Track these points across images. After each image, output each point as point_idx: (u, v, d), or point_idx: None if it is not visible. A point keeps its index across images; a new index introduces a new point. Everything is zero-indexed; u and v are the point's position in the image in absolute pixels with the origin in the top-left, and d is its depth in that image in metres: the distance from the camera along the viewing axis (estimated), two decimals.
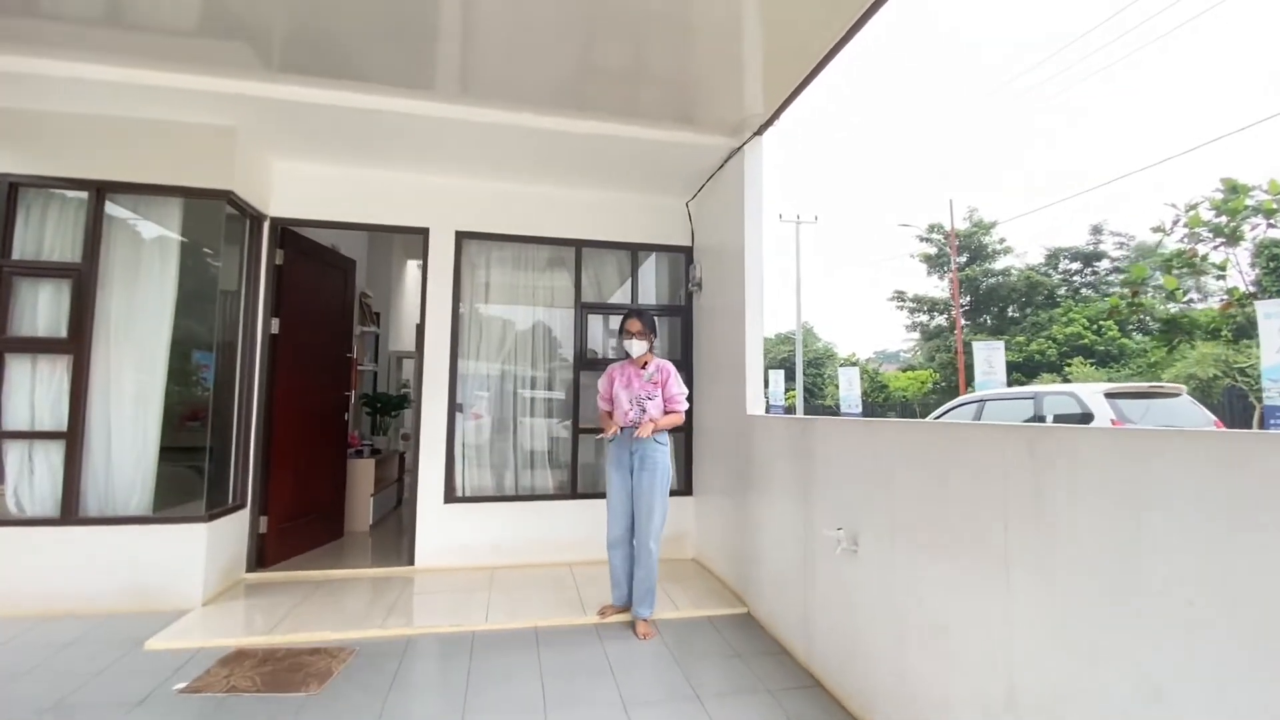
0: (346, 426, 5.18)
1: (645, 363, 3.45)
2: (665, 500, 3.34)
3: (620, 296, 4.84)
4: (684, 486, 4.70)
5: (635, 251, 4.82)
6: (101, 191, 3.59)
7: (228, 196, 3.71)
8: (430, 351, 4.38)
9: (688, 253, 4.85)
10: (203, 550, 3.51)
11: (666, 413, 3.37)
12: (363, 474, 5.47)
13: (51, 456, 3.48)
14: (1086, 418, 6.97)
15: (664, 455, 3.35)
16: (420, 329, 4.42)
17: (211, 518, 3.58)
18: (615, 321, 4.79)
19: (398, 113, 3.57)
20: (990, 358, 15.52)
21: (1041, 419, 7.53)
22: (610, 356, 4.79)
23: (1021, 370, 22.52)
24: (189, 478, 3.77)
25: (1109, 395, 6.98)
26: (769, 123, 3.66)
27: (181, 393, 3.80)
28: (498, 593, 3.80)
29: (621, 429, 3.40)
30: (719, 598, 3.75)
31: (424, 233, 4.44)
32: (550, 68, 3.24)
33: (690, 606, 3.59)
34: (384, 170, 4.39)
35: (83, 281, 3.53)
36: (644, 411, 3.36)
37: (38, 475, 3.47)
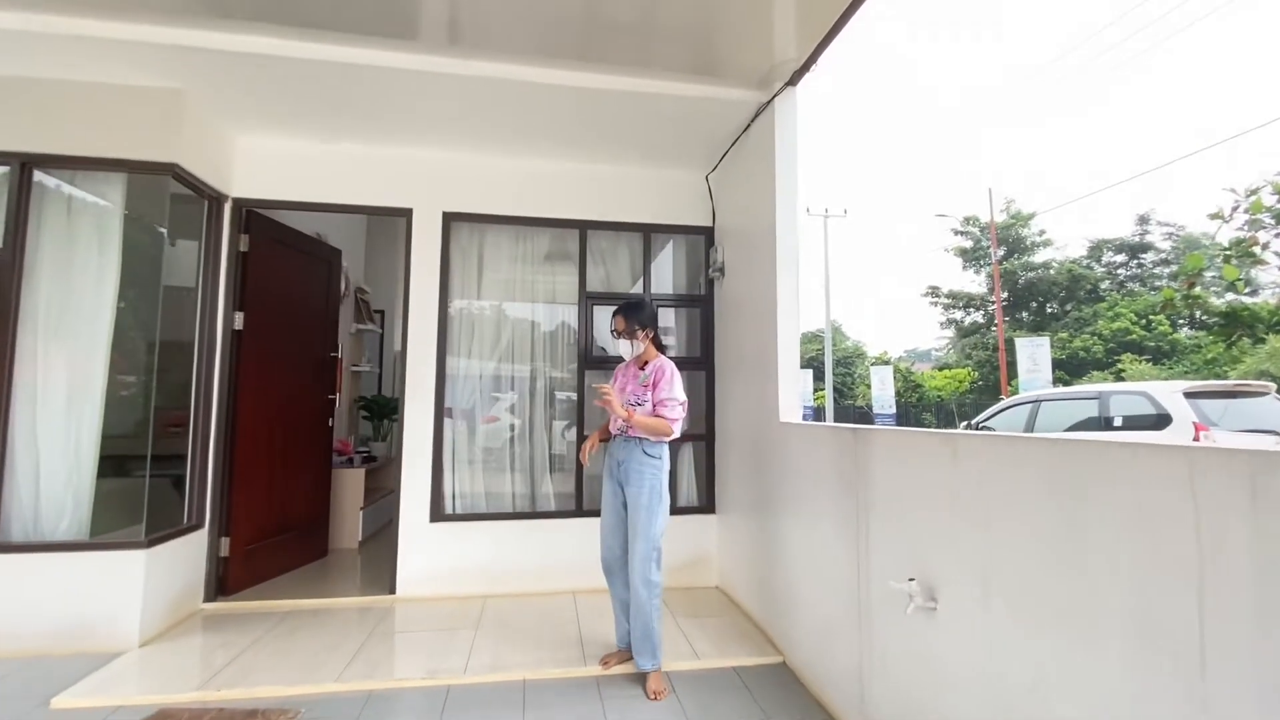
0: (331, 433, 4.68)
1: (645, 363, 2.87)
2: (655, 525, 2.68)
3: (632, 286, 4.24)
4: (706, 503, 4.08)
5: (648, 234, 4.21)
6: (27, 166, 3.12)
7: (172, 170, 3.21)
8: (414, 349, 3.84)
9: (708, 234, 4.23)
10: (140, 582, 3.00)
11: (653, 415, 2.72)
12: (351, 485, 4.96)
13: None
14: (1163, 420, 6.16)
15: (654, 470, 2.73)
16: (404, 323, 3.88)
17: (152, 543, 3.07)
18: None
19: (376, 66, 3.03)
20: (1035, 355, 14.70)
21: (1108, 421, 6.73)
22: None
23: (1064, 368, 21.36)
24: (140, 495, 3.29)
25: (1189, 395, 6.16)
26: (804, 68, 3.03)
27: (127, 397, 3.32)
28: (486, 630, 3.23)
29: (613, 437, 2.87)
30: (747, 640, 3.13)
31: (407, 214, 3.90)
32: (550, 7, 2.67)
33: (713, 653, 2.98)
34: (361, 144, 3.86)
35: (4, 269, 3.06)
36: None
37: None
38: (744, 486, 3.58)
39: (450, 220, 3.94)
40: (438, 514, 3.79)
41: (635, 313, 2.84)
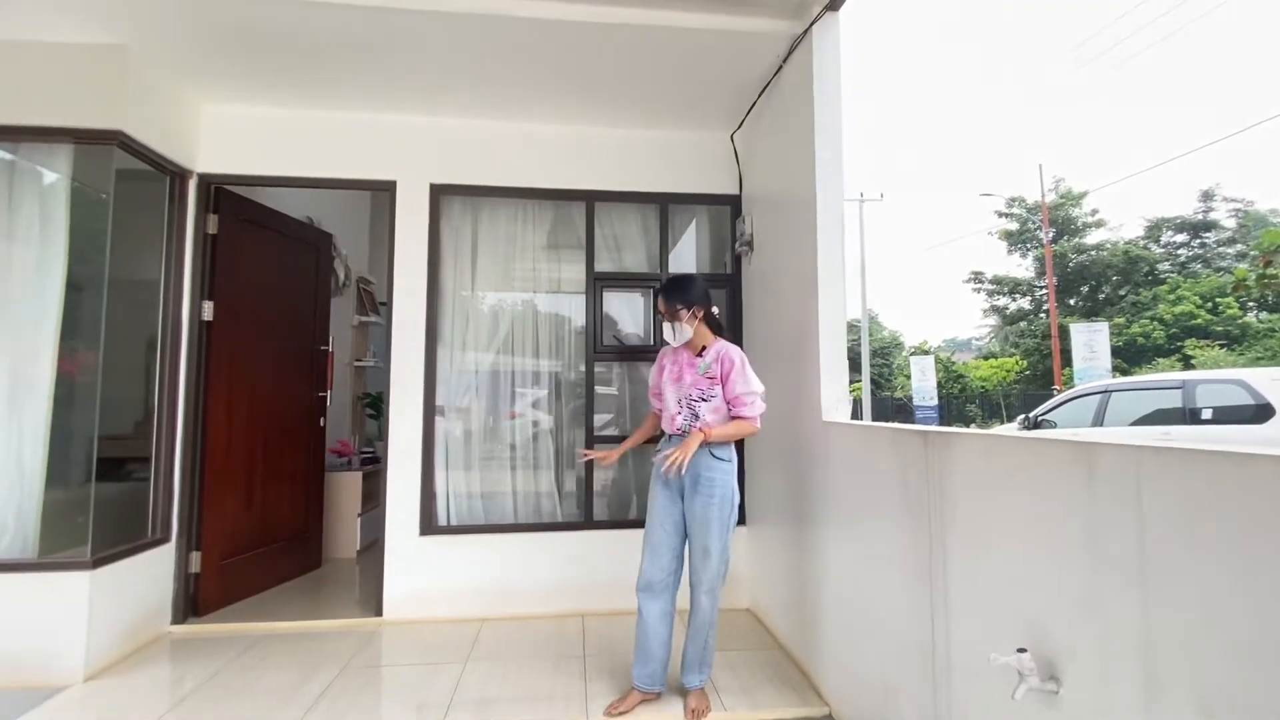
0: (323, 433, 4.29)
1: (702, 349, 2.40)
2: (726, 537, 2.34)
3: (648, 265, 3.71)
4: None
5: (665, 204, 3.68)
6: None
7: (118, 138, 2.81)
8: (399, 340, 3.39)
9: (734, 203, 3.68)
10: (84, 606, 2.62)
11: (731, 418, 2.34)
12: (347, 490, 4.57)
13: None
14: (1264, 411, 5.38)
15: (726, 474, 2.34)
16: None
17: (99, 562, 2.69)
18: (641, 298, 3.68)
19: (350, 5, 2.55)
20: (1092, 341, 13.64)
21: (1194, 414, 5.95)
22: (637, 344, 3.68)
23: (1122, 356, 20.02)
24: (109, 507, 2.94)
25: None
26: None
27: (81, 397, 2.95)
28: (477, 664, 2.77)
29: (669, 437, 2.42)
30: (784, 683, 2.60)
31: (390, 188, 3.45)
32: None
33: (745, 703, 2.45)
34: (337, 110, 3.42)
35: None
36: (695, 417, 2.33)
37: None
38: (779, 497, 3.05)
39: (439, 193, 3.48)
40: (428, 526, 3.35)
41: (679, 290, 2.40)
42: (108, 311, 2.83)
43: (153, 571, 3.06)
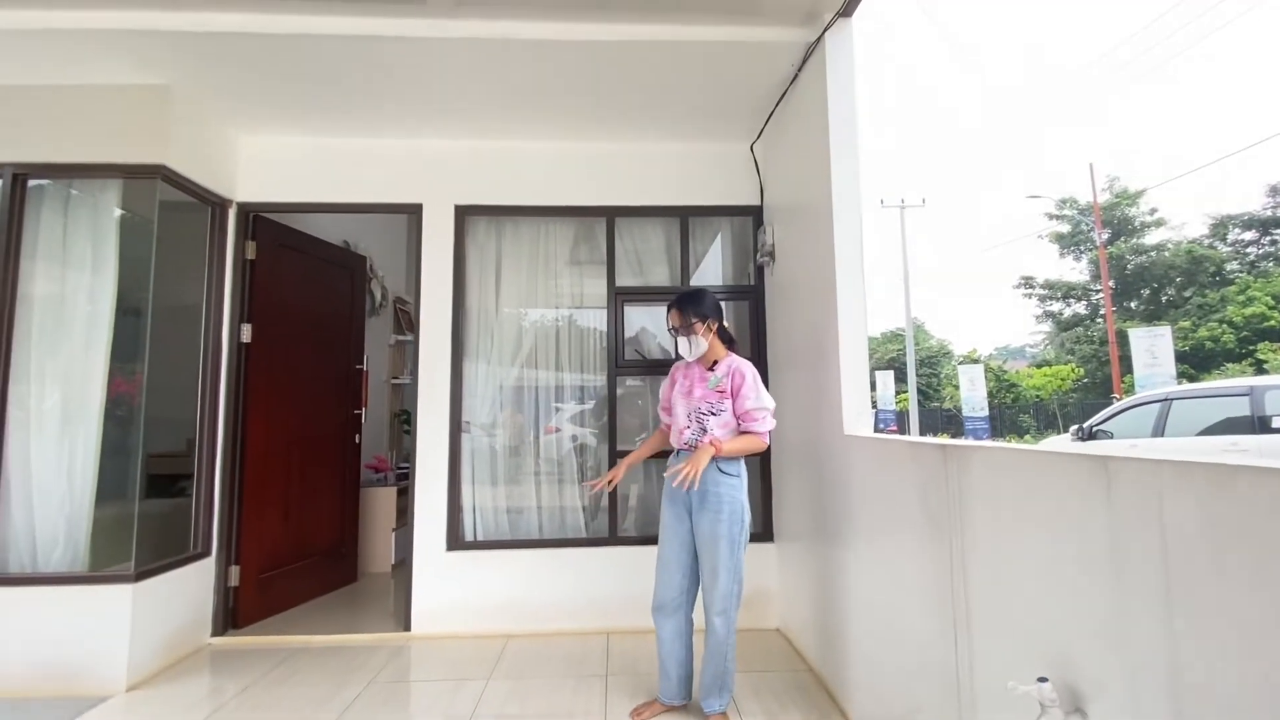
0: (358, 450, 4.40)
1: (714, 363, 2.38)
2: (737, 555, 2.27)
3: (670, 278, 3.70)
4: (762, 529, 3.48)
5: (685, 217, 3.67)
6: (19, 177, 2.96)
7: (161, 172, 2.98)
8: (426, 357, 3.47)
9: (756, 213, 3.64)
10: (127, 618, 2.74)
11: (741, 433, 2.31)
12: (382, 505, 4.67)
13: None
14: None
15: (734, 490, 2.29)
16: (415, 330, 3.52)
17: (141, 576, 2.81)
18: (661, 312, 3.66)
19: (376, 37, 2.68)
20: (1153, 347, 12.87)
21: (1263, 422, 5.55)
22: (661, 357, 3.66)
23: (1189, 361, 18.89)
24: (155, 522, 3.08)
25: None
26: None
27: (126, 416, 3.10)
28: (500, 681, 2.77)
29: (677, 452, 2.41)
30: (811, 706, 2.51)
31: (417, 210, 3.54)
32: None
33: None
34: (365, 137, 3.55)
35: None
36: (704, 431, 2.30)
37: None
38: (805, 513, 2.97)
39: (464, 214, 3.56)
40: (455, 541, 3.38)
41: (692, 303, 2.40)
42: (153, 334, 2.98)
43: (194, 585, 3.18)
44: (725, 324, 2.46)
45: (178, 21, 2.63)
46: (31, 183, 3.00)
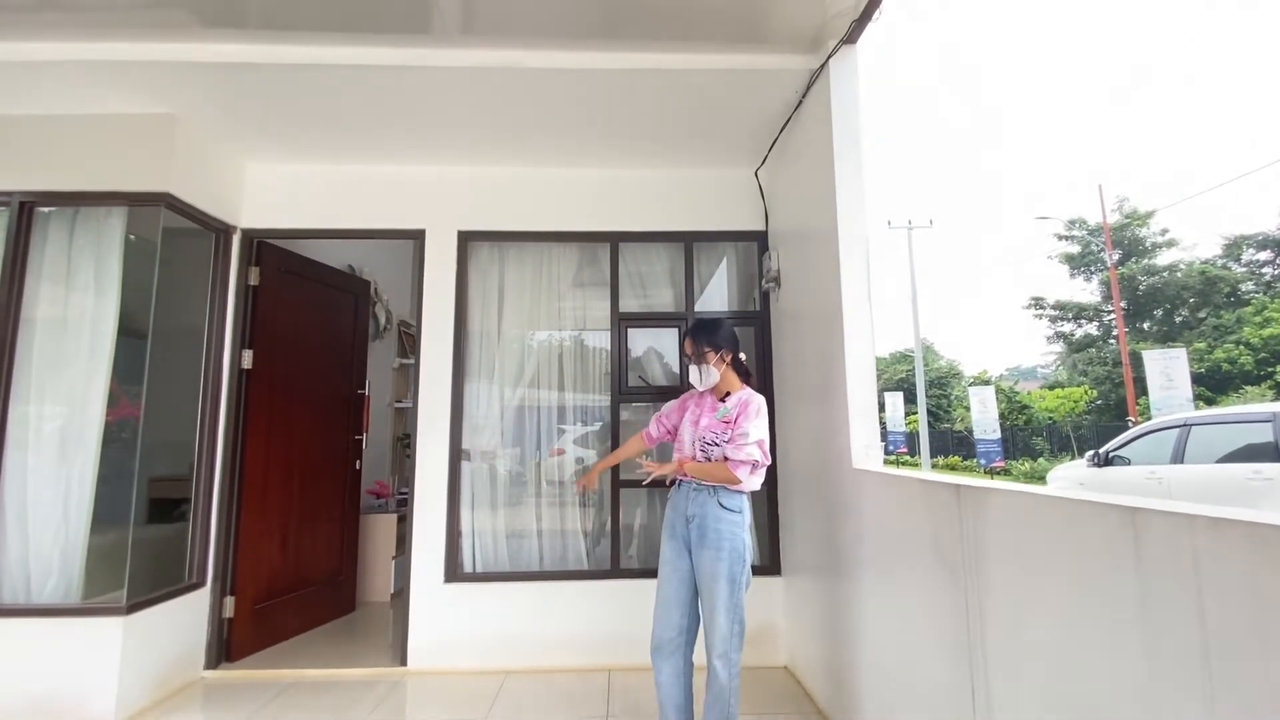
0: (359, 476, 4.35)
1: (726, 394, 2.34)
2: (737, 595, 2.16)
3: (674, 304, 3.66)
4: (769, 562, 3.38)
5: (690, 243, 3.64)
6: (26, 205, 2.98)
7: (165, 200, 2.98)
8: (426, 382, 3.42)
9: (760, 239, 3.60)
10: (117, 652, 2.68)
11: (721, 458, 2.21)
12: (382, 532, 4.60)
13: None
14: None
15: (735, 527, 2.19)
16: (415, 355, 3.48)
17: (133, 608, 2.75)
18: (666, 336, 3.62)
19: (381, 66, 2.70)
20: (1169, 369, 12.71)
21: None
22: (665, 384, 3.60)
23: (1205, 383, 18.60)
24: (151, 549, 3.04)
25: None
26: (864, 16, 2.39)
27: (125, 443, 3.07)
28: None
29: (679, 483, 2.34)
30: None
31: (420, 236, 3.53)
32: None
33: None
34: (369, 164, 3.56)
35: (0, 313, 2.90)
36: (708, 461, 2.24)
37: None
38: (813, 546, 2.87)
39: (466, 239, 3.54)
40: (454, 573, 3.30)
41: (705, 333, 2.34)
42: (153, 359, 2.96)
43: (188, 616, 3.12)
44: (741, 355, 2.40)
45: (183, 53, 2.65)
46: (39, 209, 3.01)
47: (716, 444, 2.24)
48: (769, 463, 2.26)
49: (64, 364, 2.97)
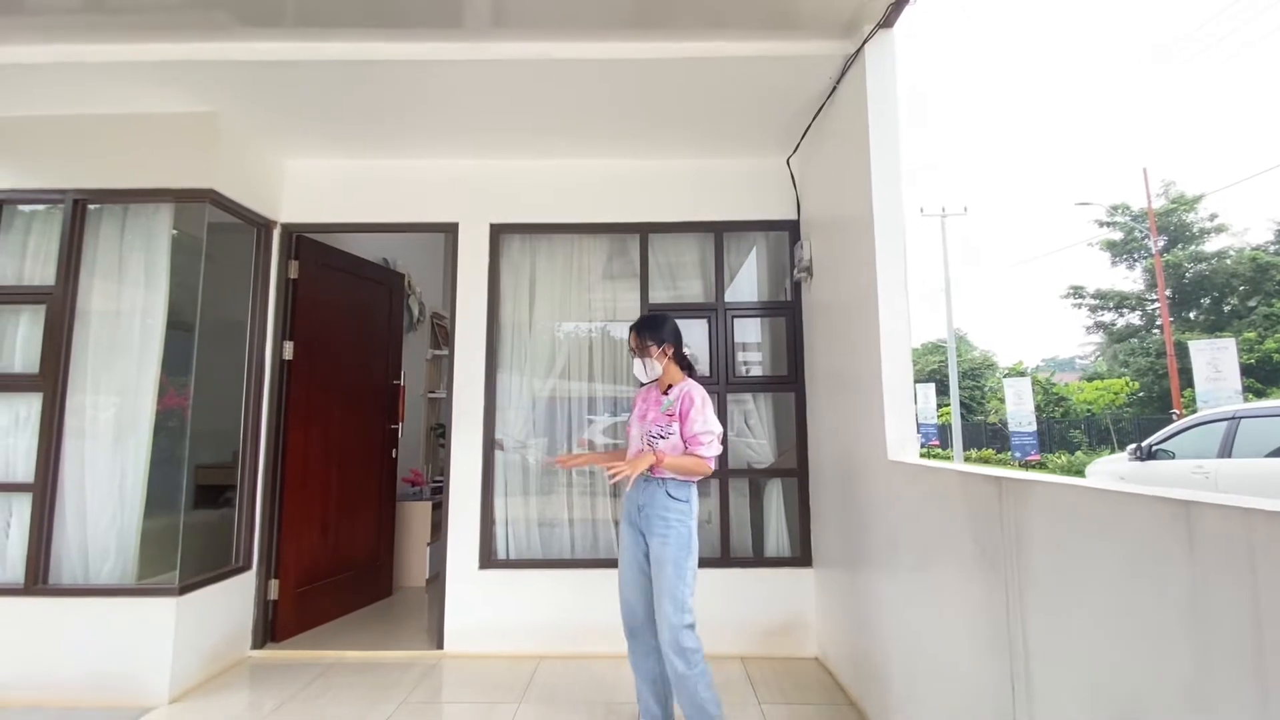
0: (395, 464, 4.45)
1: (669, 387, 2.40)
2: (681, 584, 2.22)
3: (705, 294, 3.65)
4: (800, 554, 3.37)
5: (720, 233, 3.62)
6: (79, 203, 3.10)
7: (210, 196, 3.07)
8: (461, 374, 3.48)
9: (792, 228, 3.57)
10: (170, 631, 2.80)
11: (686, 453, 2.28)
12: (417, 519, 4.71)
13: (25, 513, 2.97)
14: None
15: (680, 515, 2.27)
16: (450, 347, 3.54)
17: (185, 590, 2.87)
18: (696, 327, 3.60)
19: (415, 61, 2.73)
20: (1217, 360, 12.26)
21: None
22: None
23: (1255, 375, 17.85)
24: (201, 534, 3.16)
25: None
26: (900, 1, 2.34)
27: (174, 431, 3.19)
28: (531, 706, 2.73)
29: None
30: None
31: (452, 229, 3.58)
32: None
33: None
34: (403, 159, 3.61)
35: (57, 307, 3.03)
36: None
37: (12, 535, 2.98)
38: (845, 538, 2.86)
39: (499, 232, 3.58)
40: (488, 560, 3.37)
41: (649, 328, 2.43)
42: (200, 350, 3.07)
43: (235, 598, 3.24)
44: (685, 350, 2.49)
45: (224, 52, 2.71)
46: (90, 206, 3.13)
47: (662, 436, 2.30)
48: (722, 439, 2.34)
49: (117, 355, 3.10)
